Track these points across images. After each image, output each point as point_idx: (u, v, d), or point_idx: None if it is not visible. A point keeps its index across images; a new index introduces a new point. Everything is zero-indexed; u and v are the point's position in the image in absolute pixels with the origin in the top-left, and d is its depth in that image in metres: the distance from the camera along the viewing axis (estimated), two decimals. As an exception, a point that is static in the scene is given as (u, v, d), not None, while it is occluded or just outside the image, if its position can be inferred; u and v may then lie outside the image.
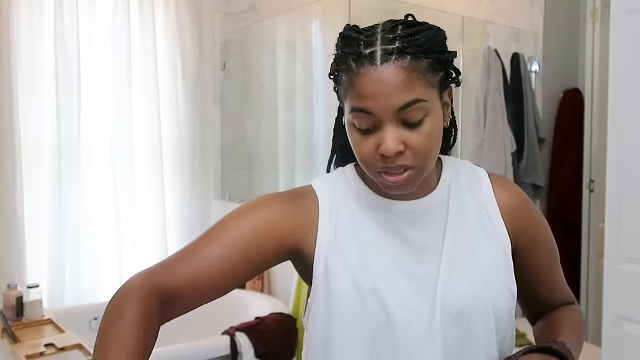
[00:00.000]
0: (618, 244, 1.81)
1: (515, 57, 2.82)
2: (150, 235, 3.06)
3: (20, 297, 2.20)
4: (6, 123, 2.59)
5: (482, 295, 0.80)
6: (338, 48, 0.78)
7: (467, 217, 0.84)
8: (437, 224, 0.83)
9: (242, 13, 3.36)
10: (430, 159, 0.77)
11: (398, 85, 0.72)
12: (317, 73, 3.18)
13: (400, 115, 0.73)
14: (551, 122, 2.97)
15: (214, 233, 0.81)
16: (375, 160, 0.75)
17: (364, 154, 0.76)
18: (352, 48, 0.74)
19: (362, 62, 0.73)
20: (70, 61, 2.76)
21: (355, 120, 0.75)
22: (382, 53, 0.72)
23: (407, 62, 0.72)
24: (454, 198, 0.85)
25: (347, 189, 0.86)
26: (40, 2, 2.69)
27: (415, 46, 0.73)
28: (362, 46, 0.74)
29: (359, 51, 0.74)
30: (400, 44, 0.72)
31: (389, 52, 0.72)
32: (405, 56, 0.72)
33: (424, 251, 0.81)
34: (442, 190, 0.85)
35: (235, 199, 3.28)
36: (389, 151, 0.73)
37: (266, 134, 3.41)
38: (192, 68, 3.20)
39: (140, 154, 3.02)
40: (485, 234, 0.84)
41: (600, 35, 2.68)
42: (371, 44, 0.73)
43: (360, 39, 0.74)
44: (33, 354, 1.83)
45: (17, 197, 2.62)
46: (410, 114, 0.73)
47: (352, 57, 0.74)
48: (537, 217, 0.90)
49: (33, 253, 2.70)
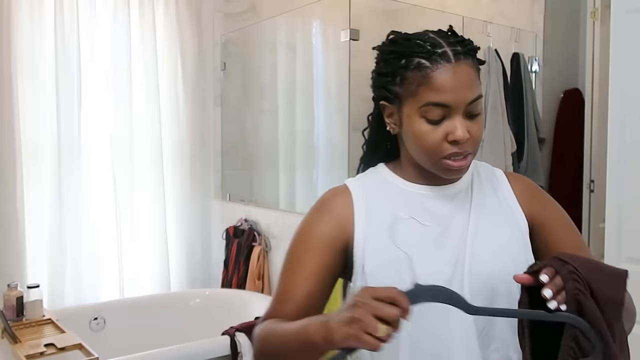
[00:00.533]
0: (618, 244, 1.81)
1: (515, 57, 2.82)
2: (150, 235, 3.06)
3: (20, 297, 2.20)
4: (6, 123, 2.59)
5: (504, 265, 0.88)
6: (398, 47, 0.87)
7: (488, 203, 0.96)
8: (463, 206, 0.94)
9: (242, 13, 3.36)
10: (479, 146, 0.91)
11: (470, 81, 0.85)
12: (317, 73, 3.18)
13: (467, 108, 0.85)
14: (551, 122, 2.97)
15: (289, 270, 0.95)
16: (443, 148, 0.86)
17: (433, 142, 0.86)
18: (420, 47, 0.84)
19: (435, 59, 0.83)
20: (70, 61, 2.76)
21: (427, 113, 0.85)
22: (452, 53, 0.83)
23: (470, 62, 0.86)
24: (476, 187, 0.97)
25: (381, 181, 0.98)
26: (40, 2, 2.69)
27: (472, 50, 0.87)
28: (429, 47, 0.84)
29: (429, 49, 0.84)
30: (462, 47, 0.85)
31: (458, 52, 0.84)
32: (468, 57, 0.85)
33: (452, 228, 0.92)
34: (466, 180, 0.97)
35: (235, 199, 3.28)
36: (463, 137, 0.84)
37: (266, 134, 3.41)
38: (192, 68, 3.20)
39: (140, 154, 3.02)
40: (504, 217, 0.95)
41: (600, 35, 2.67)
42: (438, 45, 0.84)
43: (421, 41, 0.85)
44: (33, 354, 1.83)
45: (17, 197, 2.62)
46: (473, 107, 0.86)
47: (423, 55, 0.84)
48: (548, 199, 1.01)
49: (33, 253, 2.70)
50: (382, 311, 0.67)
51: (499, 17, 2.91)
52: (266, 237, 2.89)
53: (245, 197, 3.27)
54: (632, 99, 1.77)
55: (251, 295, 2.81)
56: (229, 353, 2.22)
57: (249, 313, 2.54)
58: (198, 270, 3.26)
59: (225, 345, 2.22)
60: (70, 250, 2.80)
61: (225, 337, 2.26)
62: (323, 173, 3.19)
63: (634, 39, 1.77)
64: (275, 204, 3.20)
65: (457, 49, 0.84)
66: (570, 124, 2.91)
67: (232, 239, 3.06)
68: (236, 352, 2.22)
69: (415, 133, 0.88)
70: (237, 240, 3.01)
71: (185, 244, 3.21)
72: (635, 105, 1.77)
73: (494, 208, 0.95)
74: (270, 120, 3.37)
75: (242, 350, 2.23)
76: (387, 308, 0.68)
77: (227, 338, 2.25)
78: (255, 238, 2.91)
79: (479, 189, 0.97)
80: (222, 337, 2.26)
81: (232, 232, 3.07)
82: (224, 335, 2.27)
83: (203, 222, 3.29)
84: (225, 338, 2.25)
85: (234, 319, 2.43)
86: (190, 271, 3.23)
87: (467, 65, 0.84)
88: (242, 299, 2.79)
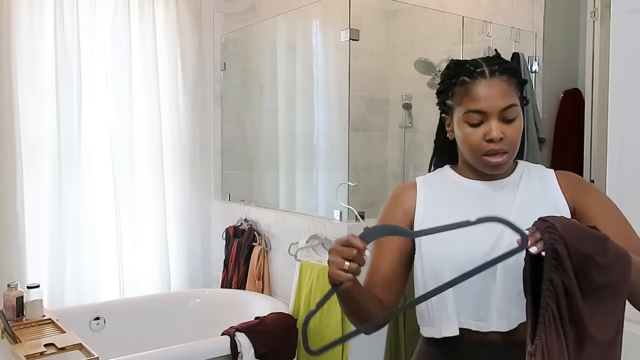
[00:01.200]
0: (618, 244, 1.81)
1: (515, 57, 2.82)
2: (150, 235, 3.06)
3: (20, 297, 2.20)
4: (6, 123, 2.59)
5: None
6: (450, 72, 1.13)
7: (533, 192, 1.13)
8: (509, 197, 1.13)
9: (242, 13, 3.36)
10: (516, 147, 1.10)
11: (501, 92, 1.06)
12: (317, 73, 3.18)
13: (502, 113, 1.06)
14: (551, 122, 2.97)
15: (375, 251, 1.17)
16: (482, 146, 1.07)
17: (474, 141, 1.08)
18: (465, 68, 1.09)
19: (474, 76, 1.08)
20: (70, 61, 2.76)
21: (468, 118, 1.08)
22: (489, 71, 1.08)
23: (505, 78, 1.08)
24: (524, 183, 1.15)
25: (442, 177, 1.21)
26: (40, 2, 2.69)
27: (508, 69, 1.09)
28: (471, 67, 1.09)
29: (471, 69, 1.09)
30: (499, 67, 1.08)
31: (493, 71, 1.07)
32: (503, 74, 1.08)
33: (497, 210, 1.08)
34: (515, 177, 1.16)
35: (235, 199, 3.28)
36: (496, 136, 1.05)
37: (266, 134, 3.41)
38: (192, 68, 3.20)
39: (140, 154, 3.02)
40: (546, 202, 1.12)
41: (600, 35, 2.67)
42: (478, 65, 1.09)
43: (469, 64, 1.10)
44: (33, 354, 1.83)
45: (17, 196, 2.62)
46: (508, 113, 1.07)
47: (466, 74, 1.09)
48: (593, 189, 1.16)
49: (33, 253, 2.70)
50: (345, 252, 0.93)
51: (499, 17, 2.91)
52: (266, 237, 2.89)
53: (245, 197, 3.27)
54: (632, 99, 1.77)
55: (251, 295, 2.81)
56: (229, 353, 2.22)
57: (249, 313, 2.55)
58: (198, 270, 3.26)
59: (225, 345, 2.23)
60: (70, 250, 2.80)
61: (225, 337, 2.26)
62: (323, 173, 3.20)
63: (634, 39, 1.77)
64: (275, 204, 3.21)
65: (493, 68, 1.07)
66: (570, 124, 2.91)
67: (232, 239, 3.06)
68: (236, 352, 2.22)
69: (461, 135, 1.10)
70: (237, 240, 3.01)
71: (185, 244, 3.21)
72: (635, 105, 1.77)
73: (537, 196, 1.13)
74: (270, 120, 3.37)
75: (242, 350, 2.23)
76: (347, 249, 0.93)
77: (227, 338, 2.25)
78: (255, 238, 2.91)
79: (527, 182, 1.15)
80: (222, 337, 2.26)
81: (232, 232, 3.07)
82: (224, 335, 2.27)
83: (203, 222, 3.29)
84: (225, 338, 2.25)
85: (234, 319, 2.44)
86: (190, 271, 3.23)
87: (500, 80, 1.07)
88: (242, 299, 2.80)
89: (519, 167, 1.18)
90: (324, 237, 2.46)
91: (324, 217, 2.57)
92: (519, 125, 1.08)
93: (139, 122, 3.00)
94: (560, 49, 2.93)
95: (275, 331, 2.34)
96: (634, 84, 1.77)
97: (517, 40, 2.84)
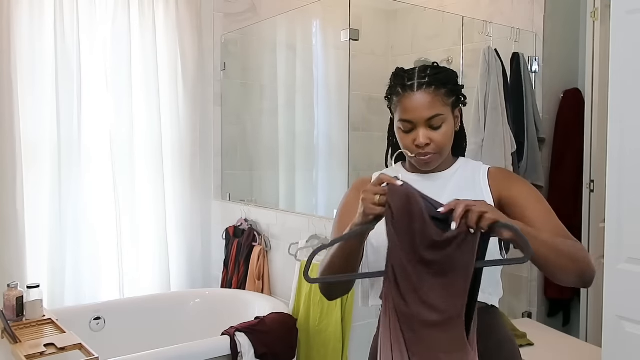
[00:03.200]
0: (618, 244, 1.81)
1: (515, 57, 2.82)
2: (150, 235, 3.06)
3: (20, 297, 2.20)
4: (6, 122, 2.59)
5: None
6: (391, 81, 1.28)
7: (463, 185, 1.28)
8: (443, 186, 1.28)
9: (242, 13, 3.36)
10: (446, 149, 1.26)
11: (426, 104, 1.21)
12: (317, 73, 3.18)
13: (428, 122, 1.21)
14: (551, 122, 2.98)
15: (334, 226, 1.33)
16: (413, 149, 1.24)
17: (406, 145, 1.25)
18: (401, 80, 1.24)
19: (405, 89, 1.23)
20: (70, 61, 2.76)
21: (401, 125, 1.25)
22: (417, 84, 1.22)
23: (432, 90, 1.21)
24: (457, 176, 1.31)
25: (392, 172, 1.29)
26: (40, 2, 2.69)
27: (436, 81, 1.22)
28: (406, 79, 1.23)
29: (403, 83, 1.23)
30: (428, 79, 1.22)
31: (422, 83, 1.21)
32: (431, 86, 1.21)
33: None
34: (450, 171, 1.32)
35: (235, 199, 3.28)
36: (422, 142, 1.21)
37: (266, 134, 3.41)
38: (192, 68, 3.19)
39: (140, 154, 3.01)
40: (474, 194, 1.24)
41: (600, 35, 2.67)
42: (411, 78, 1.23)
43: (405, 75, 1.25)
44: (33, 354, 1.83)
45: (17, 196, 2.62)
46: (434, 122, 1.22)
47: (400, 86, 1.24)
48: (518, 181, 1.30)
49: (33, 253, 2.70)
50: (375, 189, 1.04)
51: (499, 17, 2.91)
52: (266, 237, 2.89)
53: (245, 197, 3.27)
54: (632, 99, 1.77)
55: (251, 295, 2.81)
56: (229, 353, 2.22)
57: (249, 313, 2.55)
58: (198, 270, 3.26)
59: (225, 345, 2.22)
60: (70, 250, 2.80)
61: (225, 337, 2.26)
62: (323, 173, 3.20)
63: (634, 39, 1.77)
64: (275, 204, 3.21)
65: (422, 81, 1.21)
66: (570, 124, 2.91)
67: (232, 239, 3.06)
68: (236, 352, 2.22)
69: (398, 138, 1.28)
70: (237, 240, 3.01)
71: (185, 244, 3.21)
72: (635, 105, 1.77)
73: (466, 188, 1.27)
74: (270, 120, 3.37)
75: (242, 350, 2.23)
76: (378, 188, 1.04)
77: (227, 338, 2.25)
78: (255, 238, 2.91)
79: (460, 176, 1.30)
80: (222, 337, 2.26)
81: (232, 232, 3.07)
82: (223, 335, 2.27)
83: (203, 222, 3.29)
84: (225, 338, 2.25)
85: (234, 319, 2.43)
86: (190, 271, 3.23)
87: (426, 93, 1.21)
88: (242, 299, 2.80)
89: (457, 163, 1.33)
90: (324, 237, 2.46)
91: (324, 217, 2.57)
92: (445, 130, 1.23)
93: (138, 122, 3.00)
94: (560, 49, 2.93)
95: (275, 331, 2.34)
96: (634, 84, 1.76)
97: (517, 40, 2.84)
